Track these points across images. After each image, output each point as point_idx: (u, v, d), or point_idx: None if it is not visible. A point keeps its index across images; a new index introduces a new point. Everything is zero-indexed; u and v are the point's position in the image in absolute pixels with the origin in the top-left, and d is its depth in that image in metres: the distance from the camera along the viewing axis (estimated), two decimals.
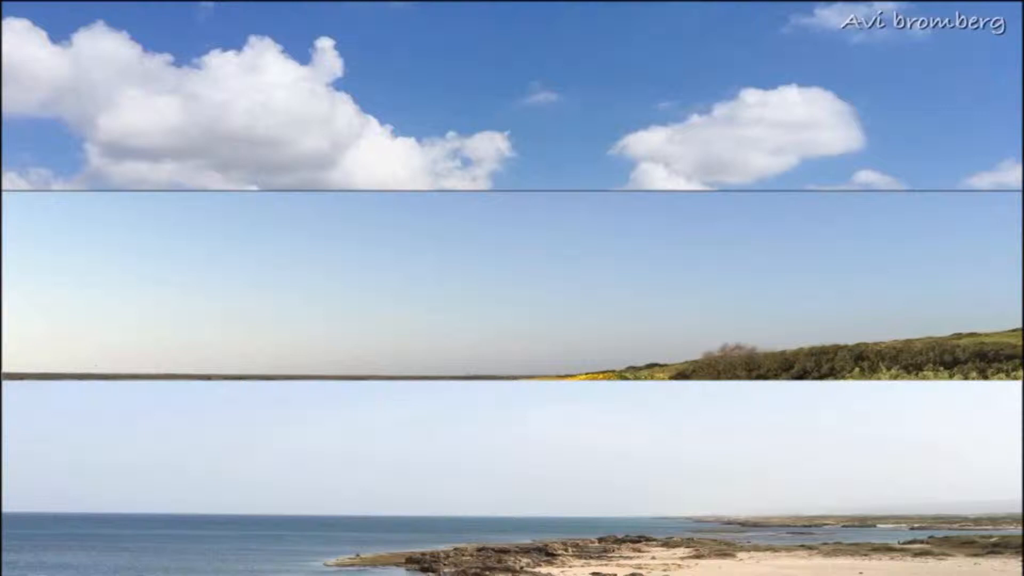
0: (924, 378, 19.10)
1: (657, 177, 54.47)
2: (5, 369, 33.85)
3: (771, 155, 53.60)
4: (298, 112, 50.54)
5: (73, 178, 51.86)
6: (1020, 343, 24.04)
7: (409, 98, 55.78)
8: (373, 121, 53.63)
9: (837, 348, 28.09)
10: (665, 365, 45.30)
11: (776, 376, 26.76)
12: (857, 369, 23.13)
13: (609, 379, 33.94)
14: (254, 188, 52.04)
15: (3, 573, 27.68)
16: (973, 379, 18.76)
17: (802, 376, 25.95)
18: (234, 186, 51.86)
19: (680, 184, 55.46)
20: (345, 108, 53.71)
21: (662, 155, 55.37)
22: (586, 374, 38.83)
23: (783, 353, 29.12)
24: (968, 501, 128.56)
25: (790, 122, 52.22)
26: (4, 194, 35.66)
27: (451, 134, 55.75)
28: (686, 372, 31.88)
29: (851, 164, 56.18)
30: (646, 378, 32.63)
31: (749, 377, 27.50)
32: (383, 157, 52.30)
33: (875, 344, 28.64)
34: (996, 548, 47.01)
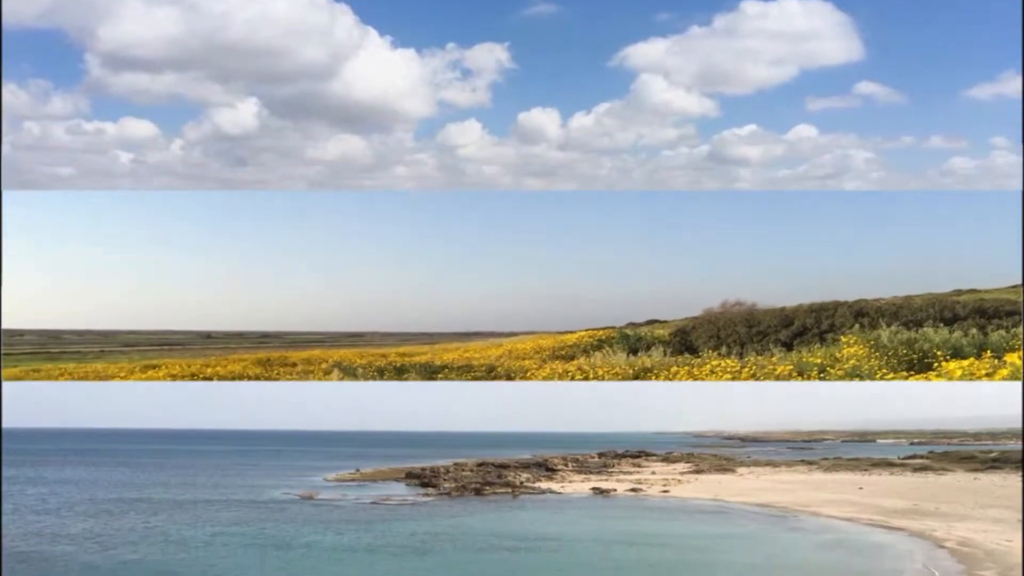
0: (924, 335, 19.08)
1: (657, 89, 53.63)
2: (5, 325, 33.80)
3: (771, 66, 52.80)
4: (297, 22, 49.23)
5: (73, 89, 50.75)
6: (1020, 299, 24.04)
7: (408, 8, 54.27)
8: (372, 32, 52.36)
9: (837, 305, 28.09)
10: (665, 322, 45.38)
11: (776, 332, 26.75)
12: (857, 326, 23.10)
13: (609, 335, 33.96)
14: (253, 102, 50.39)
15: (3, 488, 27.76)
16: (973, 336, 18.71)
17: (802, 333, 25.94)
18: (233, 98, 50.15)
19: (679, 96, 54.49)
20: (344, 19, 52.35)
21: (662, 66, 54.53)
22: (586, 330, 38.90)
23: (783, 310, 29.10)
24: (968, 417, 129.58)
25: (790, 33, 51.29)
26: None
27: (451, 45, 54.58)
28: (686, 328, 31.86)
29: (851, 75, 55.42)
30: (646, 335, 32.62)
31: (749, 334, 27.47)
32: (382, 68, 51.19)
33: (875, 300, 28.70)
34: (996, 463, 47.32)
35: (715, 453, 68.97)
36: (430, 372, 22.91)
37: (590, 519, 28.91)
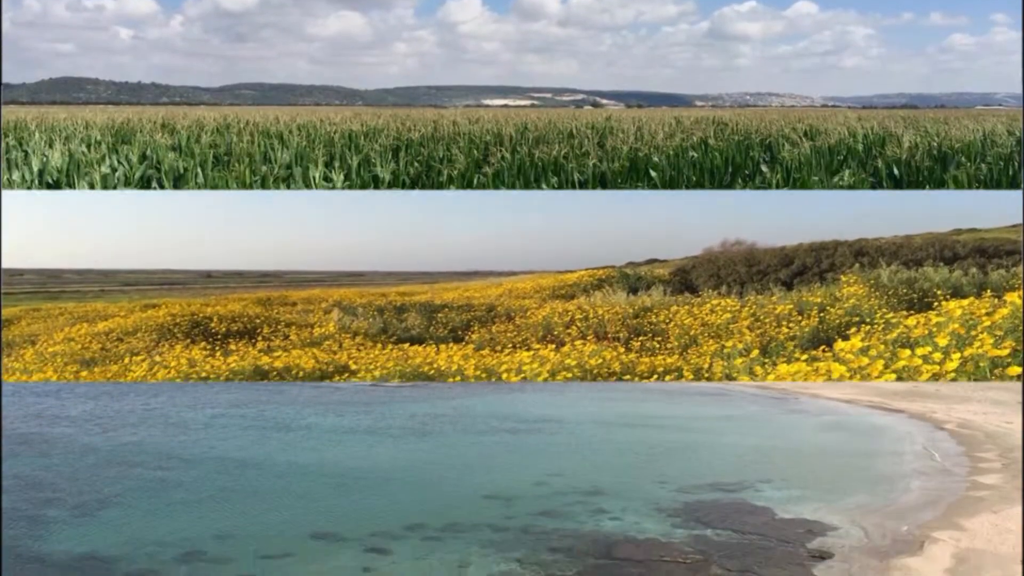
0: (924, 274, 19.32)
1: None
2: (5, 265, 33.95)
3: None
4: None
5: None
6: (1020, 239, 24.21)
7: None
8: None
9: (836, 244, 28.28)
10: (665, 261, 45.54)
11: (776, 272, 26.96)
12: (857, 265, 23.29)
13: (609, 274, 34.19)
14: None
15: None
16: (973, 275, 18.95)
17: (802, 272, 26.17)
18: None
19: None
20: None
21: None
22: (585, 269, 39.16)
23: (783, 249, 29.26)
24: None
25: None
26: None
27: None
28: (686, 268, 32.04)
29: None
30: (646, 274, 32.85)
31: (749, 273, 27.69)
32: None
33: (875, 240, 28.95)
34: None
35: None
36: (430, 311, 23.16)
37: (590, 401, 29.51)
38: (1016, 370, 5.86)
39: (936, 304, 13.38)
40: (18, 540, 15.83)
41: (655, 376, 10.78)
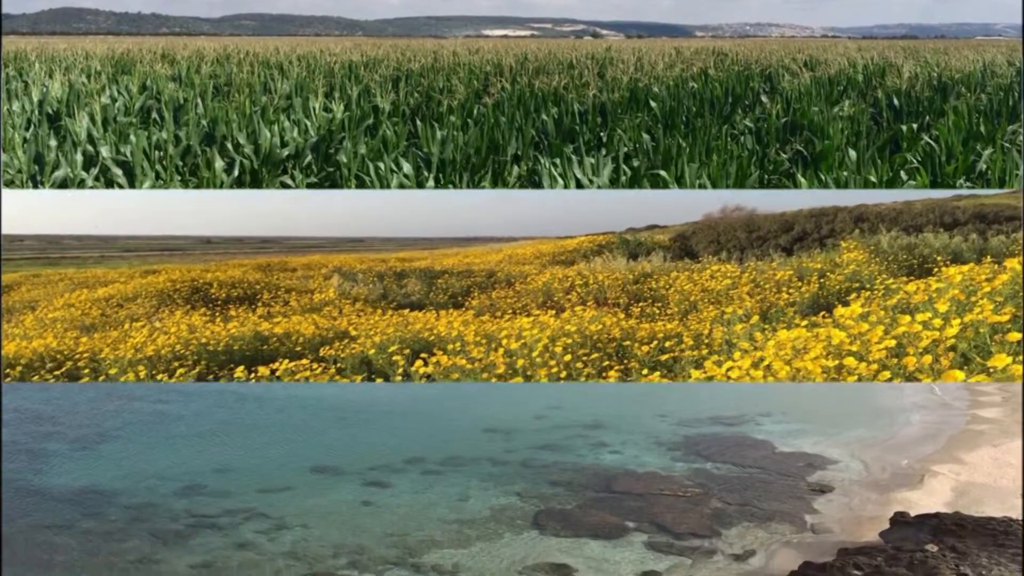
0: (924, 240, 19.21)
1: None
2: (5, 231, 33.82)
3: None
4: None
5: None
6: (1020, 205, 24.02)
7: None
8: None
9: (836, 210, 28.11)
10: (665, 227, 45.35)
11: (776, 238, 26.85)
12: (857, 231, 23.16)
13: (609, 240, 34.01)
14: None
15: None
16: (973, 241, 18.85)
17: (802, 238, 26.04)
18: None
19: None
20: None
21: None
22: (585, 235, 38.95)
23: (783, 215, 29.10)
24: None
25: None
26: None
27: None
28: (686, 234, 31.88)
29: None
30: (646, 240, 32.66)
31: (749, 239, 27.56)
32: None
33: (875, 206, 28.70)
34: None
35: None
36: (430, 277, 23.05)
37: None
38: (1016, 336, 5.80)
39: (936, 270, 13.31)
40: (18, 473, 15.89)
41: (655, 342, 10.72)
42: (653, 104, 14.93)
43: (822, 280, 15.52)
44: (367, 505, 14.39)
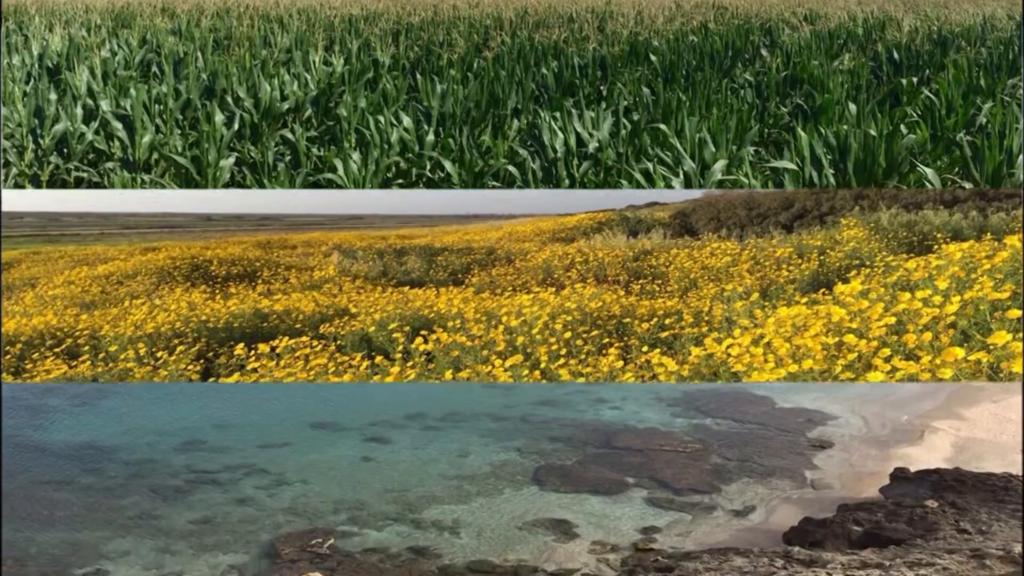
0: (924, 217, 19.19)
1: None
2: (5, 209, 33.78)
3: None
4: None
5: None
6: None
7: None
8: None
9: (837, 188, 28.04)
10: (665, 204, 45.29)
11: (776, 215, 26.80)
12: (857, 208, 23.11)
13: (609, 218, 33.94)
14: None
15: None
16: (973, 218, 18.80)
17: (802, 215, 25.99)
18: None
19: None
20: None
21: None
22: (586, 212, 38.91)
23: (783, 192, 29.06)
24: None
25: None
26: None
27: None
28: (686, 211, 31.80)
29: None
30: (646, 217, 32.60)
31: (749, 216, 27.51)
32: None
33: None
34: None
35: None
36: (430, 254, 22.99)
37: None
38: (1016, 313, 5.78)
39: (936, 247, 13.29)
40: (18, 429, 15.93)
41: (655, 320, 10.70)
42: (653, 58, 14.83)
43: (822, 257, 15.50)
44: (367, 461, 14.43)
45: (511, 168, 10.73)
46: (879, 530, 10.01)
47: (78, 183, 11.57)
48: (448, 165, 10.80)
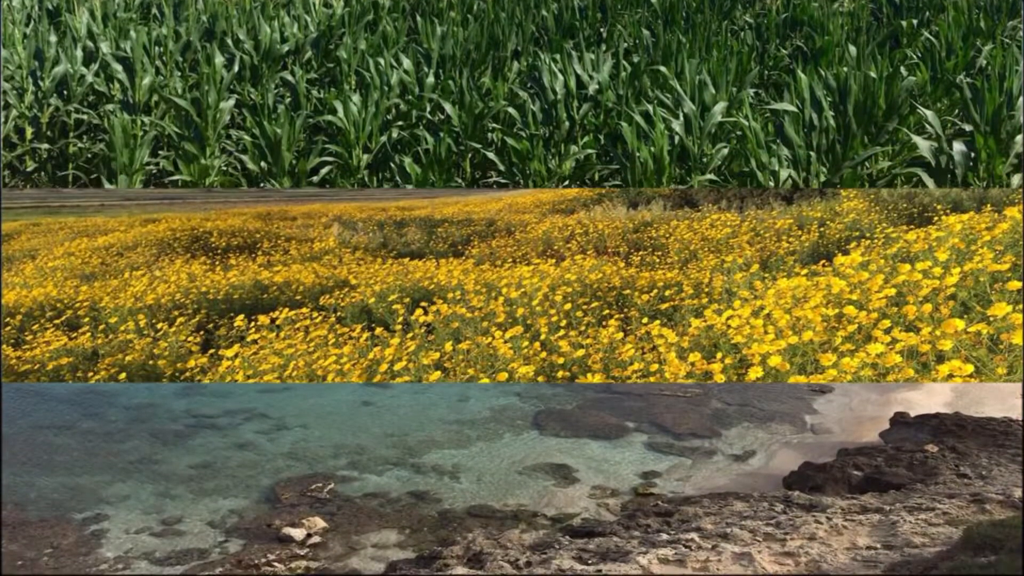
0: (924, 189, 19.06)
1: None
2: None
3: None
4: None
5: None
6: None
7: None
8: None
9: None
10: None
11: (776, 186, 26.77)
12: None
13: (609, 190, 33.79)
14: None
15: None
16: (973, 190, 18.71)
17: (802, 187, 25.92)
18: None
19: None
20: None
21: None
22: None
23: None
24: None
25: None
26: None
27: None
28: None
29: None
30: (646, 189, 32.45)
31: (749, 188, 27.45)
32: None
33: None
34: None
35: None
36: (430, 226, 22.89)
37: None
38: (1016, 285, 5.78)
39: (936, 219, 13.31)
40: None
41: (655, 291, 10.68)
42: (653, 0, 14.72)
43: (822, 229, 15.48)
44: (367, 405, 14.49)
45: (511, 110, 10.73)
46: (879, 475, 10.09)
47: (78, 125, 11.56)
48: (448, 107, 10.79)
